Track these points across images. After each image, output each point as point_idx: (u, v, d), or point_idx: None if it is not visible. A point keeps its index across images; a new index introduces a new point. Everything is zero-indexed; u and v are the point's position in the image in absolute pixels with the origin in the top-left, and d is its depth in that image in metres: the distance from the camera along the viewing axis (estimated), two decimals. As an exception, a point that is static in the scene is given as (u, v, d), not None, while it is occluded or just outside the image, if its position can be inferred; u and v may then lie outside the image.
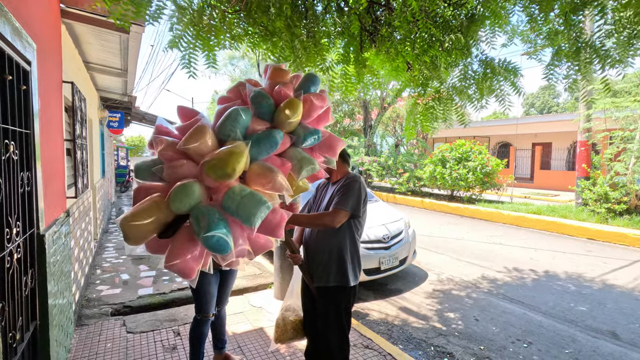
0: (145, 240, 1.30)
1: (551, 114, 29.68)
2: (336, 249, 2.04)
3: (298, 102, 1.50)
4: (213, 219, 1.21)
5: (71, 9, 2.96)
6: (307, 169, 1.51)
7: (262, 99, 1.53)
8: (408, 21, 2.60)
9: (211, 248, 1.21)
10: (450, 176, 10.51)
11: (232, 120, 1.41)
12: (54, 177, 2.56)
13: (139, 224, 1.24)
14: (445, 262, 5.57)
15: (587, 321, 3.56)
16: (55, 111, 2.71)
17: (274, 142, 1.43)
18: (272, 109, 1.54)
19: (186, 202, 1.25)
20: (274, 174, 1.36)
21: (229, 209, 1.27)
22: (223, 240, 1.20)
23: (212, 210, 1.25)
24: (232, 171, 1.25)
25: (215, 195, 1.32)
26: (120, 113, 8.90)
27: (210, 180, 1.29)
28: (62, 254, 2.55)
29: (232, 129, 1.40)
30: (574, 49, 2.27)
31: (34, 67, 2.00)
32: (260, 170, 1.38)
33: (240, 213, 1.25)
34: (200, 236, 1.19)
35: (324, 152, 1.68)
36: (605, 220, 7.47)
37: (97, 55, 4.47)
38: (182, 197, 1.25)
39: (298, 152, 1.55)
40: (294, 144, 1.57)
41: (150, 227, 1.26)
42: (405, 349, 3.07)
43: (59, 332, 2.37)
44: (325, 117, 1.70)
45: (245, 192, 1.28)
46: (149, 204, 1.28)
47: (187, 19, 2.25)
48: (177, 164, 1.35)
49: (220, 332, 2.59)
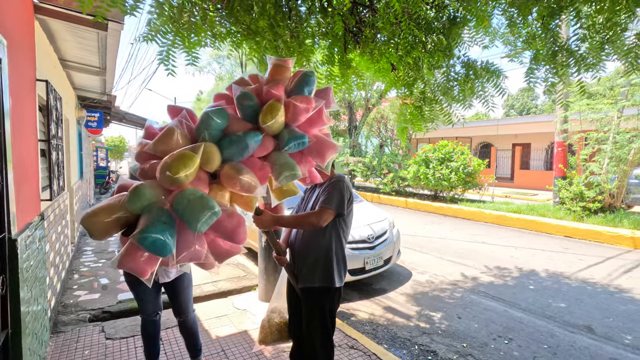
0: (108, 236, 1.33)
1: (530, 115, 30.55)
2: (322, 250, 2.02)
3: (277, 106, 1.47)
4: (155, 220, 1.22)
5: (44, 5, 2.85)
6: (287, 174, 1.48)
7: (245, 100, 1.50)
8: (391, 23, 2.62)
9: (147, 249, 1.20)
10: (433, 176, 10.67)
11: (203, 123, 1.42)
12: (27, 179, 2.46)
13: (98, 221, 1.28)
14: (429, 261, 5.64)
15: (565, 317, 3.67)
16: (28, 110, 2.60)
17: (245, 145, 1.42)
18: (257, 111, 1.51)
19: (137, 203, 1.27)
20: (240, 175, 1.37)
21: (177, 211, 1.26)
22: (160, 242, 1.19)
23: (160, 212, 1.25)
24: (174, 173, 1.25)
25: (169, 197, 1.31)
26: (99, 112, 8.65)
27: (163, 182, 1.29)
28: (36, 259, 2.45)
29: (203, 132, 1.41)
30: (551, 52, 2.34)
31: (4, 64, 1.91)
32: (229, 171, 1.39)
33: (185, 216, 1.25)
34: (134, 236, 1.19)
35: (313, 157, 1.63)
36: (581, 219, 7.73)
37: (74, 52, 4.32)
38: (134, 199, 1.28)
39: (281, 156, 1.51)
40: (277, 148, 1.55)
41: (110, 224, 1.30)
42: (390, 348, 3.09)
43: (32, 340, 2.28)
44: (318, 120, 1.64)
45: (195, 195, 1.27)
46: (112, 202, 1.32)
47: (166, 14, 2.20)
48: (147, 166, 1.38)
49: (191, 341, 2.48)
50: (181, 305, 2.40)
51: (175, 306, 2.41)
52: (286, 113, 1.51)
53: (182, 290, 2.38)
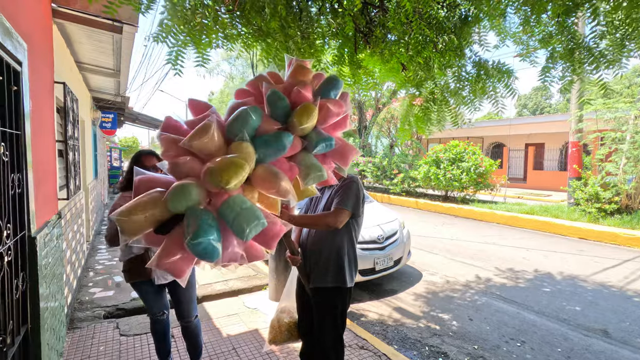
0: (140, 234, 1.28)
1: (544, 114, 30.01)
2: (334, 250, 2.03)
3: (313, 108, 1.46)
4: (204, 224, 1.19)
5: (63, 9, 2.92)
6: (314, 176, 1.47)
7: (277, 99, 1.48)
8: (402, 22, 2.61)
9: (198, 255, 1.19)
10: (444, 177, 10.57)
11: (242, 121, 1.37)
12: (45, 178, 2.53)
13: (133, 219, 1.23)
14: (439, 262, 5.59)
15: (579, 320, 3.60)
16: (47, 112, 2.68)
17: (282, 146, 1.39)
18: (287, 111, 1.50)
19: (183, 202, 1.23)
20: (279, 180, 1.33)
21: (225, 217, 1.25)
22: (211, 247, 1.18)
23: (207, 215, 1.23)
24: (226, 183, 1.22)
25: (215, 199, 1.29)
26: (113, 114, 8.82)
27: (209, 185, 1.27)
28: (54, 257, 2.51)
29: (240, 130, 1.36)
30: (568, 49, 2.30)
31: (24, 67, 1.97)
32: (265, 174, 1.36)
33: (235, 225, 1.23)
34: (187, 242, 1.17)
35: (336, 159, 1.64)
36: (596, 220, 7.56)
37: (90, 55, 4.43)
38: (179, 198, 1.23)
39: (308, 157, 1.51)
40: (305, 149, 1.53)
41: (144, 222, 1.25)
42: (400, 349, 3.08)
43: (50, 335, 2.34)
44: (342, 123, 1.65)
45: (245, 205, 1.26)
46: (147, 200, 1.27)
47: (179, 15, 2.24)
48: (181, 161, 1.33)
49: (192, 344, 2.47)
50: (183, 308, 2.37)
51: (177, 308, 2.38)
52: (318, 115, 1.50)
53: (184, 292, 2.34)
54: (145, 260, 2.18)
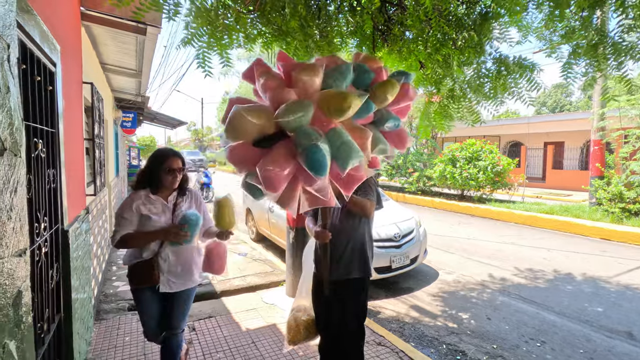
0: (243, 136, 1.37)
1: (563, 112, 29.20)
2: (358, 242, 2.11)
3: (396, 85, 1.57)
4: (319, 139, 1.28)
5: (90, 12, 3.04)
6: (380, 148, 1.60)
7: (364, 71, 1.59)
8: (421, 20, 2.61)
9: (313, 162, 1.27)
10: (460, 175, 10.44)
11: (341, 73, 1.47)
12: (75, 175, 2.64)
13: (247, 119, 1.32)
14: (456, 261, 5.55)
15: (602, 321, 3.52)
16: (76, 111, 2.79)
17: (369, 109, 1.50)
18: (369, 83, 1.61)
19: (298, 118, 1.32)
20: (368, 134, 1.45)
21: (332, 143, 1.33)
22: (325, 161, 1.27)
23: (320, 136, 1.32)
24: (347, 108, 1.33)
25: (321, 126, 1.38)
26: (134, 113, 9.06)
27: (321, 112, 1.36)
28: (83, 250, 2.62)
29: (339, 81, 1.46)
30: (592, 44, 2.26)
31: (58, 68, 2.07)
32: (353, 127, 1.46)
33: (340, 152, 1.32)
34: (308, 146, 1.25)
35: (395, 141, 1.73)
36: (619, 220, 7.34)
37: (114, 56, 4.57)
38: (296, 111, 1.32)
39: (376, 130, 1.62)
40: (374, 123, 1.65)
41: (254, 127, 1.35)
42: (417, 346, 3.08)
43: (80, 325, 2.45)
44: (404, 112, 1.76)
45: (348, 137, 1.37)
46: (261, 108, 1.37)
47: (203, 17, 2.30)
48: (284, 90, 1.41)
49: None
50: (176, 318, 2.14)
51: (169, 317, 2.13)
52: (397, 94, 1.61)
53: (181, 304, 2.14)
54: (154, 266, 2.02)
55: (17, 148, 1.01)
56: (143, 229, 1.98)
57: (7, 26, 0.96)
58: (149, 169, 2.02)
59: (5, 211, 0.91)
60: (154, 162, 2.02)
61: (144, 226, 1.98)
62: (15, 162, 0.99)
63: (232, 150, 1.42)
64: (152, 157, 2.05)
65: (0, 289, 0.88)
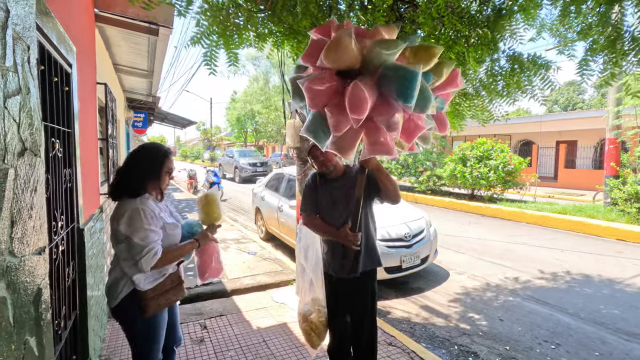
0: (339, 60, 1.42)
1: (576, 110, 28.65)
2: (372, 235, 2.18)
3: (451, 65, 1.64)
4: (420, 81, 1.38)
5: (104, 13, 3.08)
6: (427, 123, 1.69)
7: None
8: (433, 18, 2.58)
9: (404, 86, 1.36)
10: (471, 175, 10.32)
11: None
12: (89, 174, 2.68)
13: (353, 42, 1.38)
14: (467, 261, 5.49)
15: (618, 324, 3.45)
16: (91, 111, 2.83)
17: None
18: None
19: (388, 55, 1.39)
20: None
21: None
22: (415, 86, 1.34)
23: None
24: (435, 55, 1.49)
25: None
26: (145, 113, 9.17)
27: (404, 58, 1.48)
28: (97, 248, 2.66)
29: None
30: (610, 40, 2.21)
31: (74, 69, 2.10)
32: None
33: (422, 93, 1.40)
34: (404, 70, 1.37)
35: (437, 122, 1.78)
36: (636, 221, 7.18)
37: (126, 57, 4.63)
38: (389, 46, 1.39)
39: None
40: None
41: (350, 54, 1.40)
42: (429, 347, 3.06)
43: (95, 322, 2.49)
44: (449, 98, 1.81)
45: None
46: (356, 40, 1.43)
47: (214, 16, 2.31)
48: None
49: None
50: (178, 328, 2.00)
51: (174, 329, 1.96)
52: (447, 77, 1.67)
53: (177, 311, 2.00)
54: (179, 276, 1.83)
55: (37, 148, 1.02)
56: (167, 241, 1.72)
57: (27, 28, 0.98)
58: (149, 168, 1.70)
59: (26, 210, 0.93)
60: (154, 162, 1.71)
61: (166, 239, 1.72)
62: (35, 161, 1.01)
63: (311, 81, 1.46)
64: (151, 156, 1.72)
65: (22, 286, 0.89)
